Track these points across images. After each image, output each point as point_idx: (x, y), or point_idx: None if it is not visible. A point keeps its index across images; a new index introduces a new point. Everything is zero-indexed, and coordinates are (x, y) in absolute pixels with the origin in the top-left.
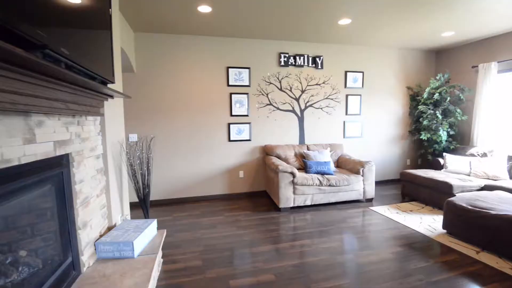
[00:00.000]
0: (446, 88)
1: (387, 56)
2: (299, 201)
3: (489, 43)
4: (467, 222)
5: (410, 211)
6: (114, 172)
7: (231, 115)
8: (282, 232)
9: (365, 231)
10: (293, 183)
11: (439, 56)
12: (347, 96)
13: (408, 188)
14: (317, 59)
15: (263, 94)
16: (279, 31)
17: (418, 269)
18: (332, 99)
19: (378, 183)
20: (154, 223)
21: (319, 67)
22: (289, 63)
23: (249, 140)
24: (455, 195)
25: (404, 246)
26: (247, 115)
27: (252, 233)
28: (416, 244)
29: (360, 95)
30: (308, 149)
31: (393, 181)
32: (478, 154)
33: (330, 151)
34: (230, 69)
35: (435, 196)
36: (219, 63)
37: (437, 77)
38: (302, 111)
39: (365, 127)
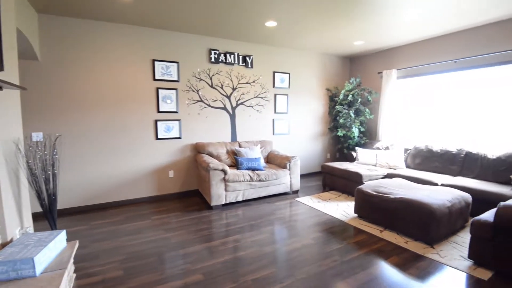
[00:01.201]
0: (358, 91)
1: (310, 59)
2: (231, 198)
3: (391, 53)
4: (372, 206)
5: (329, 199)
6: (8, 178)
7: (158, 112)
8: (213, 230)
9: (291, 220)
10: (225, 180)
11: (353, 62)
12: (275, 95)
13: (327, 179)
14: (247, 58)
15: (193, 91)
16: (208, 27)
17: (334, 250)
18: (262, 97)
19: (303, 176)
20: (62, 234)
21: (249, 66)
22: (220, 60)
23: (179, 138)
24: (364, 183)
25: (323, 231)
26: (176, 112)
27: (182, 234)
28: (333, 229)
29: (287, 94)
30: (240, 146)
31: (316, 173)
32: (382, 148)
33: (261, 148)
34: (156, 62)
35: (349, 185)
36: (144, 55)
37: (351, 81)
38: (233, 108)
39: (292, 124)
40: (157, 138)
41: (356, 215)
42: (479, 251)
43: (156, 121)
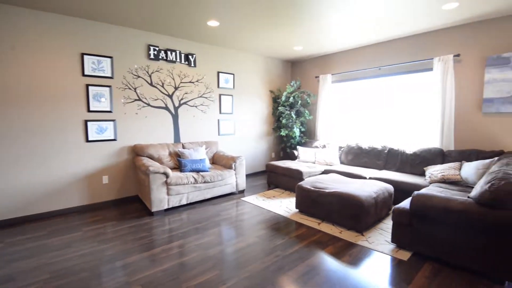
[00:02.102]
0: (298, 93)
1: (254, 62)
2: (174, 202)
3: (327, 59)
4: (311, 200)
5: (273, 197)
6: None
7: (89, 111)
8: (154, 237)
9: (237, 220)
10: (167, 183)
11: (294, 66)
12: (220, 95)
13: (272, 177)
14: (190, 56)
15: (130, 88)
16: (146, 21)
17: (276, 246)
18: (206, 97)
19: (249, 175)
20: None
21: (192, 65)
22: (160, 57)
23: (114, 139)
24: (304, 180)
25: (267, 228)
26: (110, 111)
27: (118, 244)
28: (277, 225)
29: (232, 95)
30: (183, 147)
31: (261, 172)
32: (320, 146)
33: (206, 149)
34: (86, 56)
35: (291, 182)
36: (71, 48)
37: (292, 84)
38: (176, 108)
39: (237, 125)
40: (87, 140)
41: (297, 210)
42: (399, 235)
43: (86, 121)
